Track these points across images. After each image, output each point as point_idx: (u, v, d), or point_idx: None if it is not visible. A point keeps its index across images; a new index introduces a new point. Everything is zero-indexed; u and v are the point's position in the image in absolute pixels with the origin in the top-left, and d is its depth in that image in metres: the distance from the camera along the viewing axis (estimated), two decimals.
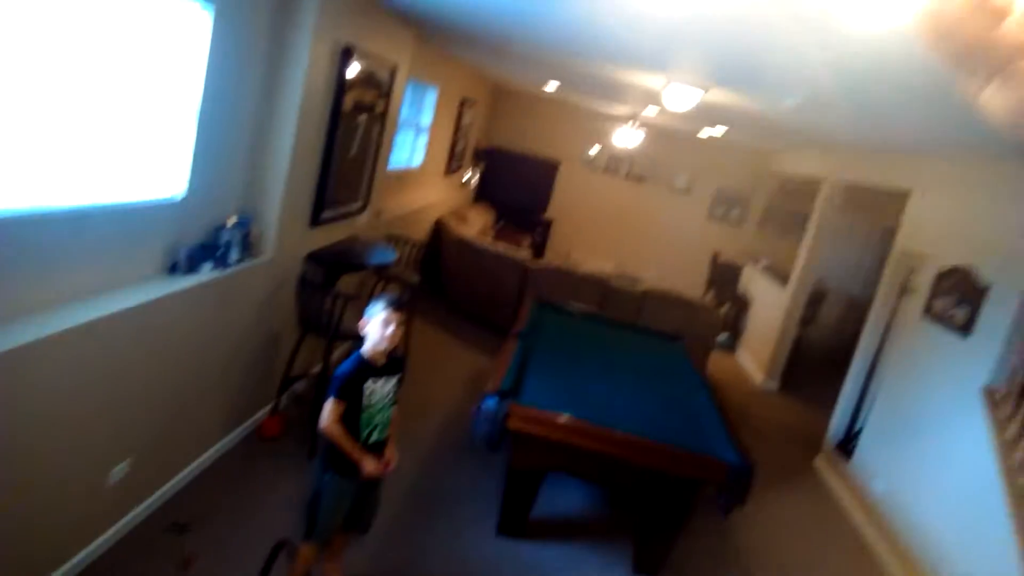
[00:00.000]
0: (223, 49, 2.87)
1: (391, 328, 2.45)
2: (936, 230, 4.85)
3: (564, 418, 3.25)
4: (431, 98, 6.64)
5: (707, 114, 5.83)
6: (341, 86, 3.77)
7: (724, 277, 9.48)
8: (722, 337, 8.28)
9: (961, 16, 0.30)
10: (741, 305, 8.71)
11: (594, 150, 10.56)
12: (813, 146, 7.31)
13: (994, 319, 3.84)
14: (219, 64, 2.87)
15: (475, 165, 10.00)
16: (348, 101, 3.91)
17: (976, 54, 0.30)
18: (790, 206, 9.75)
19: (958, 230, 4.54)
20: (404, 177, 6.40)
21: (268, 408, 3.96)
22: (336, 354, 3.94)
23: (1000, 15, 0.29)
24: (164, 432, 2.95)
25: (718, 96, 4.42)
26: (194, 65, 2.77)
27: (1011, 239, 3.91)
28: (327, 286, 3.89)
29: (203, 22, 2.74)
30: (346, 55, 3.73)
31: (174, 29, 2.61)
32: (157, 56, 2.54)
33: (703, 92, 4.16)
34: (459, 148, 8.52)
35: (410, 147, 6.50)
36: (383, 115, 4.68)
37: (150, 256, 2.80)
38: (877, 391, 5.15)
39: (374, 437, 2.51)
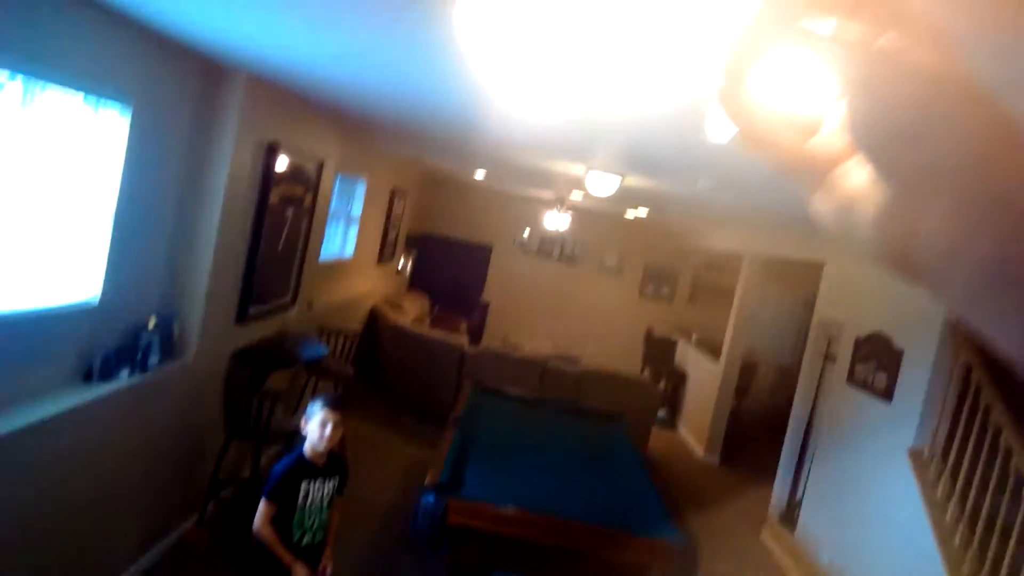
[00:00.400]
0: (141, 149, 2.85)
1: (329, 428, 2.41)
2: (851, 298, 5.10)
3: (507, 509, 3.17)
4: (361, 189, 6.70)
5: (629, 197, 6.08)
6: (267, 181, 3.77)
7: (659, 352, 9.65)
8: (661, 413, 8.35)
9: (773, 131, 0.32)
10: (678, 379, 8.85)
11: (525, 234, 10.80)
12: (732, 222, 7.69)
13: (912, 382, 4.01)
14: (137, 164, 2.83)
15: (408, 252, 10.04)
16: (274, 196, 3.90)
17: (795, 166, 0.32)
18: (716, 281, 10.14)
19: (870, 297, 4.78)
20: (336, 267, 6.36)
21: (193, 520, 3.70)
22: (265, 458, 3.76)
23: (809, 132, 0.31)
24: (76, 553, 2.71)
25: (636, 181, 4.63)
26: (109, 166, 2.72)
27: (919, 303, 4.14)
28: (255, 385, 3.75)
29: (119, 124, 2.72)
30: (271, 151, 3.75)
31: (88, 131, 2.57)
32: (69, 158, 2.49)
33: (621, 178, 4.35)
34: (391, 237, 8.55)
35: (341, 237, 6.49)
36: (311, 208, 4.68)
37: (62, 365, 2.65)
38: (813, 459, 5.25)
39: (307, 540, 2.40)
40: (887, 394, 4.21)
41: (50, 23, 2.22)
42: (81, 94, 2.45)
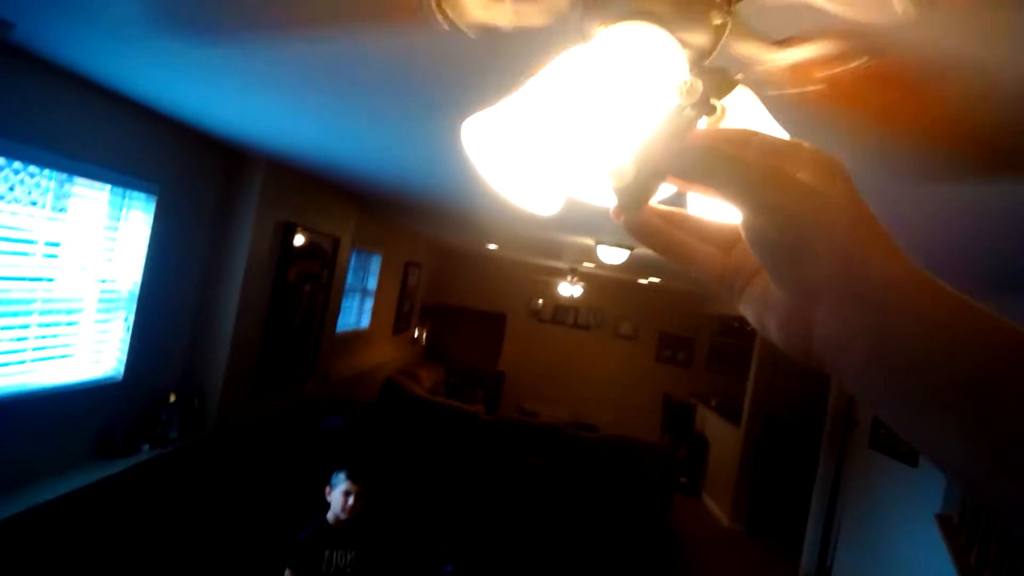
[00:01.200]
0: (165, 234, 2.98)
1: (351, 499, 2.44)
2: None
3: None
4: (376, 264, 6.85)
5: (640, 265, 6.16)
6: (284, 259, 3.89)
7: (678, 418, 9.52)
8: (683, 481, 8.18)
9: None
10: (699, 446, 8.69)
11: (539, 302, 10.88)
12: None
13: None
14: (160, 245, 2.96)
15: (423, 323, 10.12)
16: (292, 273, 4.01)
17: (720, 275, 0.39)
18: (734, 345, 10.09)
19: None
20: (353, 339, 6.44)
21: None
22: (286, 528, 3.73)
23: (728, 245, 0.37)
24: None
25: (646, 251, 4.71)
26: (135, 250, 2.84)
27: None
28: (273, 457, 3.76)
29: (146, 212, 2.86)
30: (288, 230, 3.88)
31: (115, 219, 2.71)
32: (98, 243, 2.61)
33: (629, 251, 4.45)
34: (406, 308, 8.66)
35: (357, 310, 6.60)
36: (328, 283, 4.79)
37: (85, 439, 2.70)
38: (841, 525, 5.10)
39: None
40: (912, 458, 4.13)
41: (79, 117, 2.37)
42: (108, 186, 2.59)
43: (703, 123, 0.38)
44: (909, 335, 0.29)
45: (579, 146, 0.41)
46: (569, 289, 9.02)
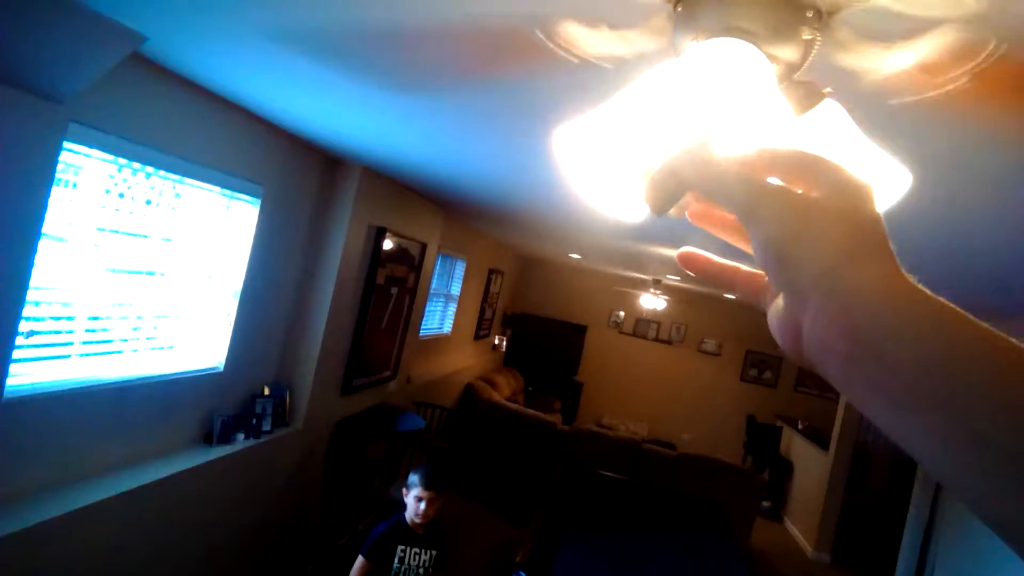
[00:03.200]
0: (267, 234, 3.16)
1: (423, 505, 2.49)
2: None
3: None
4: (460, 269, 6.99)
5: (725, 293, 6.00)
6: (375, 263, 4.04)
7: (762, 440, 9.19)
8: (766, 504, 7.89)
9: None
10: (783, 470, 8.37)
11: (620, 314, 10.78)
12: None
13: None
14: (262, 247, 3.15)
15: (504, 330, 10.22)
16: (381, 275, 4.16)
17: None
18: None
19: None
20: (435, 343, 6.58)
21: None
22: (362, 525, 3.86)
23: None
24: None
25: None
26: (240, 248, 3.03)
27: None
28: (356, 454, 3.90)
29: (250, 212, 3.05)
30: (379, 235, 4.03)
31: (222, 218, 2.90)
32: (206, 241, 2.81)
33: None
34: (488, 314, 8.78)
35: (440, 314, 6.75)
36: (414, 287, 4.94)
37: (187, 426, 2.90)
38: (936, 561, 4.79)
39: None
40: None
41: (194, 121, 2.56)
42: (218, 188, 2.78)
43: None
44: (882, 336, 0.31)
45: (663, 154, 0.44)
46: (652, 302, 8.89)
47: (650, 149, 0.52)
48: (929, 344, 0.30)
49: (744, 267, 0.45)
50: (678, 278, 7.33)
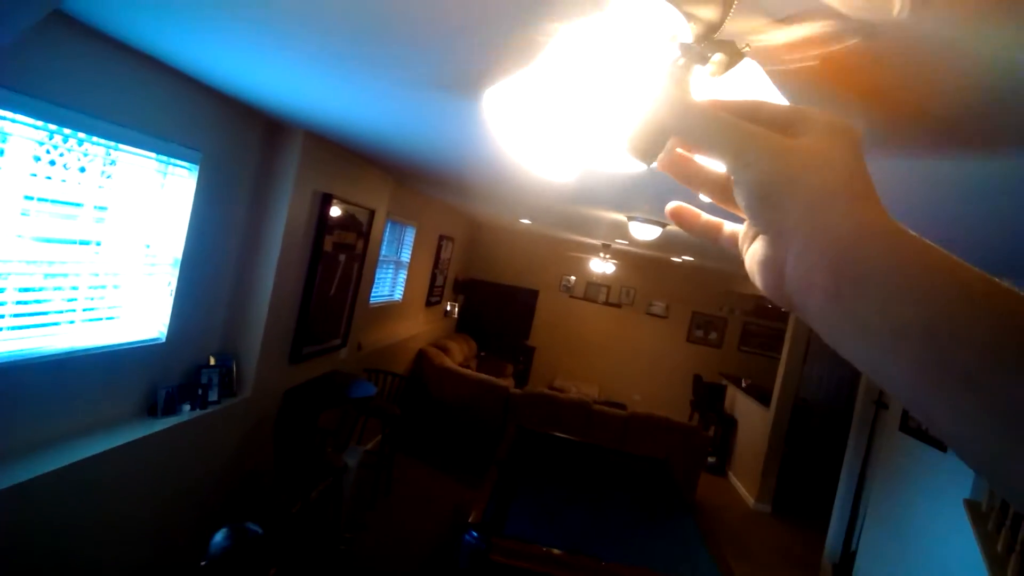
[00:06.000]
0: (207, 201, 3.08)
1: None
2: None
3: (552, 550, 3.18)
4: (410, 236, 6.93)
5: (674, 244, 6.12)
6: (321, 229, 3.98)
7: (708, 398, 9.50)
8: (711, 459, 8.20)
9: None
10: (727, 426, 8.68)
11: (571, 279, 10.89)
12: None
13: None
14: (202, 214, 3.06)
15: (456, 296, 10.22)
16: (328, 243, 4.10)
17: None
18: (766, 326, 10.00)
19: None
20: (386, 310, 6.55)
21: None
22: (315, 493, 3.87)
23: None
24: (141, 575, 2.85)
25: (679, 229, 4.68)
26: (178, 216, 2.95)
27: None
28: (307, 423, 3.89)
29: (188, 179, 2.96)
30: (325, 201, 3.96)
31: (159, 185, 2.81)
32: (143, 209, 2.72)
33: (662, 228, 4.42)
34: (439, 281, 8.76)
35: (391, 281, 6.70)
36: (363, 254, 4.88)
37: (130, 398, 2.84)
38: (868, 508, 5.08)
39: None
40: (942, 443, 4.08)
41: (125, 85, 2.46)
42: (154, 154, 2.68)
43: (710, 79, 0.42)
44: (867, 272, 0.32)
45: (591, 114, 0.45)
46: (601, 266, 9.01)
47: (577, 108, 0.53)
48: (913, 280, 0.30)
49: (727, 223, 0.46)
50: (626, 242, 7.43)
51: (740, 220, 0.43)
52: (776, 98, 0.61)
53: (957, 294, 0.29)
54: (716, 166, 0.43)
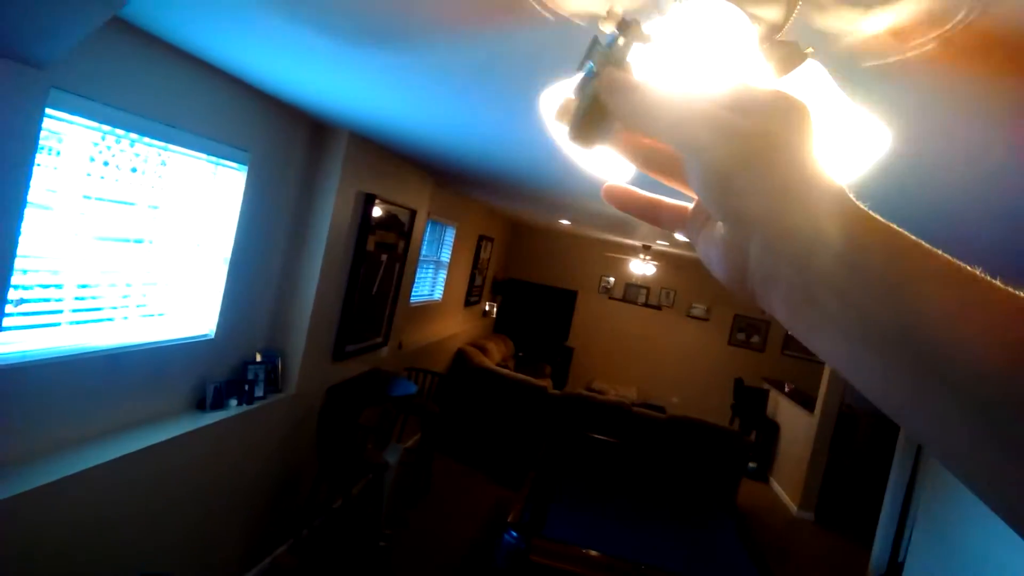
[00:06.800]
0: (254, 201, 3.15)
1: None
2: None
3: (590, 552, 3.17)
4: (450, 236, 6.98)
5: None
6: (364, 229, 4.03)
7: (750, 403, 9.34)
8: (752, 465, 8.06)
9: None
10: (769, 431, 8.52)
11: (610, 280, 10.82)
12: None
13: None
14: (250, 214, 3.13)
15: (494, 297, 10.25)
16: (371, 242, 4.15)
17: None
18: None
19: None
20: (426, 309, 6.61)
21: (287, 544, 3.90)
22: (355, 488, 3.92)
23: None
24: (185, 567, 2.93)
25: None
26: (227, 215, 3.02)
27: None
28: (348, 419, 3.94)
29: (236, 178, 3.03)
30: (368, 202, 4.02)
31: (209, 185, 2.88)
32: (193, 208, 2.79)
33: None
34: (478, 281, 8.80)
35: (431, 281, 6.76)
36: (404, 254, 4.93)
37: (179, 392, 2.92)
38: (916, 517, 4.93)
39: None
40: None
41: (178, 87, 2.53)
42: (204, 154, 2.75)
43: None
44: (833, 263, 0.30)
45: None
46: (641, 267, 8.93)
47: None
48: (880, 271, 0.29)
49: (667, 199, 0.43)
50: (667, 243, 7.36)
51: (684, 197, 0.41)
52: (843, 102, 0.59)
53: (937, 287, 0.27)
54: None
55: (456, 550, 4.55)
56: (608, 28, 0.42)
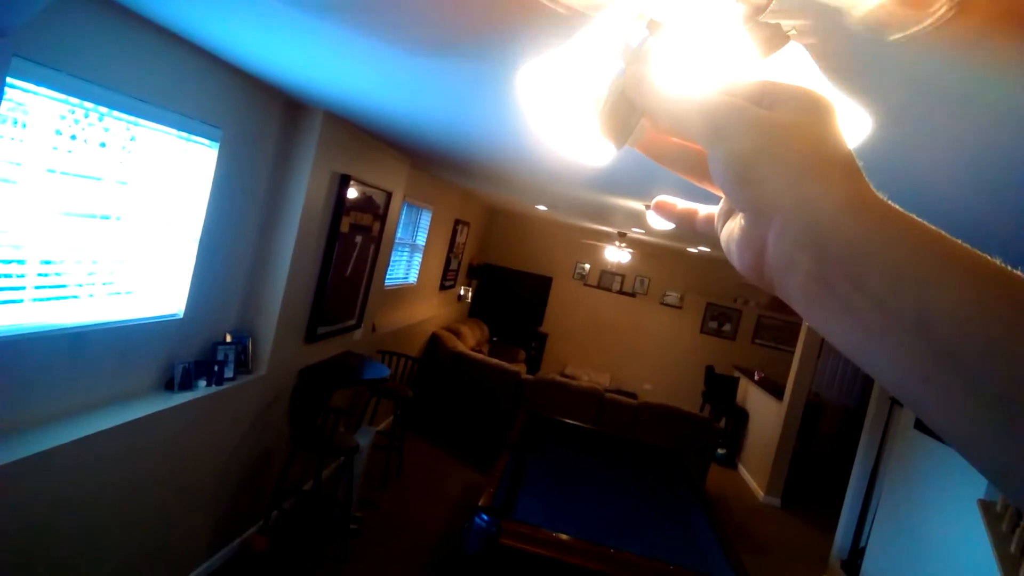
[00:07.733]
0: (226, 179, 3.09)
1: None
2: None
3: (560, 535, 3.19)
4: (426, 219, 6.94)
5: (690, 235, 6.06)
6: (339, 210, 3.99)
7: (720, 390, 9.47)
8: (721, 451, 8.19)
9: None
10: (739, 418, 8.66)
11: (585, 267, 10.86)
12: None
13: None
14: (222, 192, 3.07)
15: (470, 281, 10.24)
16: (345, 224, 4.11)
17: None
18: (781, 320, 9.93)
19: None
20: (400, 293, 6.57)
21: (257, 526, 3.87)
22: (327, 471, 3.90)
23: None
24: (152, 549, 2.90)
25: None
26: (198, 193, 2.96)
27: None
28: (320, 402, 3.92)
29: (208, 156, 2.97)
30: (343, 182, 3.97)
31: (180, 162, 2.82)
32: (163, 185, 2.73)
33: None
34: (453, 265, 8.77)
35: (406, 264, 6.72)
36: (379, 236, 4.89)
37: (147, 373, 2.87)
38: (879, 505, 5.06)
39: None
40: None
41: (148, 60, 2.46)
42: (174, 130, 2.69)
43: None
44: (850, 251, 0.30)
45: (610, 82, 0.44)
46: (616, 255, 8.97)
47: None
48: (899, 259, 0.29)
49: (702, 207, 0.45)
50: (642, 231, 7.39)
51: (716, 201, 0.42)
52: (823, 86, 0.59)
53: (958, 277, 0.27)
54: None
55: (427, 533, 4.56)
56: (636, 25, 0.43)
